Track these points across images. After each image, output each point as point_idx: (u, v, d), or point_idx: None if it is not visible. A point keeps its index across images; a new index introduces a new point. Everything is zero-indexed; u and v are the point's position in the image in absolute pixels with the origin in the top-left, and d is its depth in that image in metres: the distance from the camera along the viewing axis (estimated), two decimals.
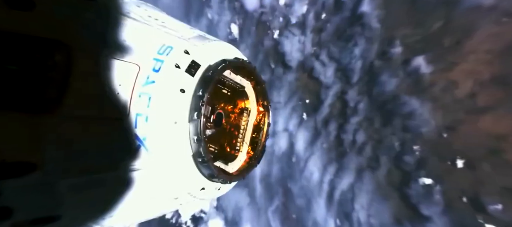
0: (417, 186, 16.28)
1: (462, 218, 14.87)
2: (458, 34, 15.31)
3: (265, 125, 2.96)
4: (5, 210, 1.80)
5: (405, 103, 16.66)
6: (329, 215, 19.11)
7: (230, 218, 21.21)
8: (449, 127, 15.51)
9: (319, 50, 19.21)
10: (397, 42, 17.00)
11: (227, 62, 2.35)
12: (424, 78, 16.22)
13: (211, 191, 2.54)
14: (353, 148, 18.43)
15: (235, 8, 20.47)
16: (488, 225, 14.15)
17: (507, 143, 13.80)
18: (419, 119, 16.22)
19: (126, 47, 2.10)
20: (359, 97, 18.23)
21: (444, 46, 15.74)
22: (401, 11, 17.05)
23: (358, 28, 18.04)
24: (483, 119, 14.56)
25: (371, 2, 17.51)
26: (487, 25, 14.35)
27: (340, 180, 18.89)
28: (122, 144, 2.06)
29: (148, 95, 2.04)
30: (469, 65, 15.01)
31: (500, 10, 13.91)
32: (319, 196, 19.43)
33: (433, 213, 15.67)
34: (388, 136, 17.29)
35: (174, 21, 2.60)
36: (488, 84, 14.52)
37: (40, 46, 1.82)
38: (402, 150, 16.82)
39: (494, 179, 14.16)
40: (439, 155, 15.86)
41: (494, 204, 13.99)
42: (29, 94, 1.78)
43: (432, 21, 15.92)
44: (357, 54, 18.22)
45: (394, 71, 17.03)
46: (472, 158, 14.83)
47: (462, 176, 15.03)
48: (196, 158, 2.19)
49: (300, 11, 19.40)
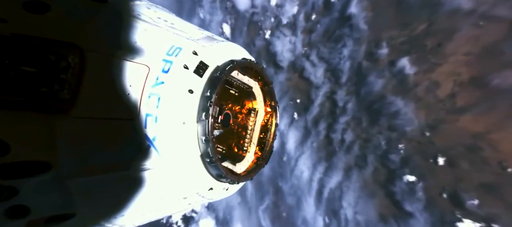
0: (401, 184, 17.17)
1: (442, 214, 15.80)
2: (440, 36, 16.22)
3: (272, 125, 2.96)
4: (22, 208, 1.89)
5: (391, 103, 17.54)
6: (318, 213, 19.74)
7: (221, 218, 21.30)
8: (431, 126, 16.48)
9: (310, 51, 19.78)
10: (383, 44, 17.82)
11: (235, 62, 2.38)
12: (408, 78, 17.13)
13: (219, 191, 2.58)
14: (342, 147, 19.15)
15: (227, 8, 20.57)
16: (466, 220, 15.09)
17: (484, 141, 14.87)
18: (404, 118, 17.14)
19: (137, 49, 2.18)
20: (347, 97, 18.98)
21: (427, 48, 16.65)
22: (387, 13, 17.85)
23: (346, 29, 18.74)
24: (463, 118, 15.59)
25: (359, 4, 18.22)
26: (466, 28, 15.32)
27: (329, 179, 19.55)
28: (133, 144, 2.14)
29: (158, 96, 2.11)
30: (450, 67, 15.97)
31: (478, 14, 14.91)
32: (309, 194, 20.00)
33: (416, 209, 16.58)
34: (375, 135, 18.11)
35: (183, 23, 2.65)
36: (467, 85, 15.54)
37: (54, 48, 1.92)
38: (388, 148, 17.70)
39: (471, 176, 15.18)
40: (422, 153, 16.79)
41: (471, 200, 14.99)
42: (43, 94, 1.87)
43: (416, 23, 16.79)
44: (345, 54, 18.96)
45: (380, 72, 17.86)
46: (452, 156, 15.83)
47: (443, 173, 16.01)
48: (204, 158, 2.23)
49: (291, 12, 19.86)
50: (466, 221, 15.11)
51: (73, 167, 1.99)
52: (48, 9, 1.94)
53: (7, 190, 1.82)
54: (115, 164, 2.13)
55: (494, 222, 14.40)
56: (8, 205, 1.85)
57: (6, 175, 1.79)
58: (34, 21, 1.89)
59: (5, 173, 1.78)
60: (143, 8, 2.44)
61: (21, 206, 1.89)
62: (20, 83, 1.81)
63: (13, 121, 1.81)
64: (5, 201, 1.82)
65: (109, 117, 2.09)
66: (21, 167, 1.83)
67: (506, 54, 14.23)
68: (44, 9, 1.93)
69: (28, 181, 1.87)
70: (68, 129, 1.94)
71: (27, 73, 1.83)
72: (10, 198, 1.83)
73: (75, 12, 2.08)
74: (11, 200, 1.84)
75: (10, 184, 1.82)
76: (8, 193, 1.82)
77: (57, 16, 1.98)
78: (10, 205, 1.86)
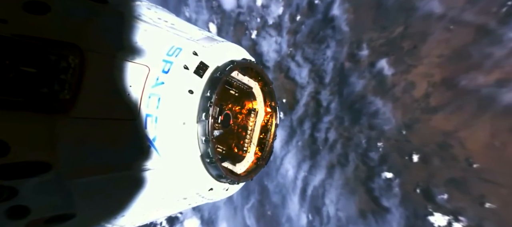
0: (380, 180, 18.24)
1: (415, 208, 16.99)
2: (415, 39, 17.33)
3: (272, 126, 2.97)
4: (22, 209, 1.93)
5: (371, 102, 18.59)
6: (302, 210, 20.41)
7: (206, 218, 21.21)
8: (407, 125, 17.69)
9: (295, 51, 20.34)
10: (364, 45, 18.81)
11: (235, 63, 2.38)
12: (387, 79, 18.25)
13: (219, 192, 2.60)
14: (326, 145, 19.95)
15: (213, 7, 20.49)
16: (436, 213, 16.30)
17: (454, 139, 16.23)
18: (383, 117, 18.24)
19: (137, 49, 2.21)
20: (331, 97, 19.81)
21: (403, 50, 17.80)
22: (367, 15, 18.82)
23: (329, 31, 19.53)
24: (435, 117, 16.85)
25: (341, 6, 19.06)
26: (438, 32, 16.54)
27: (313, 177, 20.28)
28: (133, 145, 2.17)
29: (158, 96, 2.12)
30: (424, 68, 17.14)
31: (448, 18, 16.16)
32: (293, 192, 20.60)
33: (392, 205, 17.68)
34: (356, 134, 19.09)
35: (183, 23, 2.68)
36: (439, 86, 16.77)
37: (54, 48, 1.97)
38: (368, 147, 18.75)
39: (442, 172, 16.45)
40: (399, 151, 17.96)
41: (441, 194, 16.23)
42: (43, 95, 1.92)
43: (393, 26, 17.88)
44: (329, 55, 19.77)
45: (361, 73, 18.85)
46: (425, 153, 17.08)
47: (417, 170, 17.18)
48: (204, 158, 2.24)
49: (276, 13, 20.29)
50: (437, 214, 16.31)
51: (73, 167, 2.02)
52: (48, 9, 1.98)
53: (7, 191, 1.85)
54: (115, 164, 2.16)
55: (460, 215, 15.70)
56: (8, 206, 1.88)
57: (6, 176, 1.82)
58: (34, 22, 1.93)
59: (5, 173, 1.82)
60: (144, 9, 2.46)
61: (21, 207, 1.92)
62: (20, 84, 1.85)
63: (13, 121, 1.85)
64: (5, 201, 1.85)
65: (109, 118, 2.12)
66: (21, 168, 1.86)
67: (473, 57, 15.65)
68: (44, 10, 1.97)
69: (28, 181, 1.90)
70: (68, 130, 1.98)
71: (27, 73, 1.87)
72: (10, 199, 1.86)
73: (75, 12, 2.11)
74: (11, 200, 1.87)
75: (10, 184, 1.85)
76: (8, 194, 1.85)
77: (57, 17, 2.01)
78: (10, 206, 1.88)
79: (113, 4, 2.31)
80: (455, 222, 15.83)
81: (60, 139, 1.95)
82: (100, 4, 2.24)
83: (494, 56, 14.91)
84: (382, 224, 17.90)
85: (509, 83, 14.51)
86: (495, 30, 14.89)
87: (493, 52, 14.91)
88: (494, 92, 14.89)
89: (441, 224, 16.19)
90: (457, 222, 15.79)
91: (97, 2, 2.22)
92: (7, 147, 1.80)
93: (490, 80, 15.00)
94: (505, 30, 14.58)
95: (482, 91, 15.28)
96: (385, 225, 17.75)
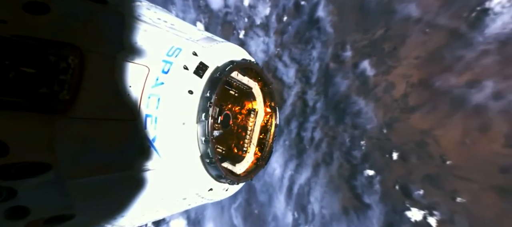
0: (362, 178, 19.07)
1: (394, 204, 17.94)
2: (395, 41, 18.23)
3: (272, 126, 2.99)
4: (22, 209, 1.95)
5: (354, 102, 19.41)
6: (288, 208, 20.86)
7: (193, 218, 20.95)
8: (388, 124, 18.68)
9: (282, 52, 20.72)
10: (348, 47, 19.59)
11: (235, 63, 2.39)
12: (369, 80, 19.14)
13: (218, 192, 2.62)
14: (311, 144, 20.54)
15: (200, 6, 20.26)
16: (413, 208, 17.24)
17: (430, 138, 17.36)
18: (365, 117, 19.12)
19: (137, 49, 2.23)
20: (317, 97, 20.42)
21: (384, 51, 18.73)
22: (350, 17, 19.60)
23: (315, 32, 20.10)
24: (413, 116, 17.90)
25: (325, 8, 19.71)
26: (415, 34, 17.52)
27: (299, 175, 20.80)
28: (133, 145, 2.20)
29: (157, 97, 2.14)
30: (403, 69, 18.08)
31: (424, 22, 17.16)
32: (280, 191, 20.98)
33: (373, 201, 18.51)
34: (340, 133, 19.85)
35: (183, 23, 2.70)
36: (417, 86, 17.80)
37: (54, 49, 1.99)
38: (351, 145, 19.58)
39: (419, 169, 17.47)
40: (380, 149, 18.89)
41: (418, 190, 17.21)
42: (42, 95, 1.95)
43: (375, 28, 18.75)
44: (315, 56, 20.36)
45: (346, 73, 19.62)
46: (404, 151, 18.11)
47: (397, 167, 18.15)
48: (204, 159, 2.25)
49: (263, 13, 20.52)
50: (413, 209, 17.20)
51: (73, 167, 2.04)
52: (48, 10, 2.00)
53: (7, 191, 1.86)
54: (115, 165, 2.17)
55: (434, 209, 16.75)
56: (8, 206, 1.89)
57: (6, 176, 1.85)
58: (34, 22, 1.94)
59: (4, 173, 1.84)
60: (143, 9, 2.48)
61: (20, 207, 1.94)
62: (20, 84, 1.87)
63: (12, 121, 1.86)
64: (4, 202, 1.86)
65: (109, 118, 2.13)
66: (21, 168, 1.89)
67: (446, 59, 16.82)
68: (43, 10, 1.99)
69: (27, 182, 1.92)
70: (68, 130, 2.00)
71: (27, 74, 1.89)
72: (10, 199, 1.88)
73: (75, 13, 2.13)
74: (10, 200, 1.88)
75: (9, 185, 1.87)
76: (7, 194, 1.87)
77: (57, 17, 2.03)
78: (9, 206, 1.90)
79: (113, 4, 2.33)
80: (429, 217, 16.84)
81: (59, 139, 1.97)
82: (100, 5, 2.26)
83: (465, 59, 16.09)
84: (363, 220, 18.71)
85: (478, 84, 15.77)
86: (466, 34, 16.07)
87: (464, 54, 16.09)
88: (465, 92, 16.12)
89: (417, 218, 17.14)
90: (431, 217, 16.81)
91: (96, 3, 2.24)
92: (7, 147, 1.82)
93: (461, 81, 16.19)
94: (474, 34, 15.78)
95: (454, 91, 16.46)
96: (366, 221, 18.56)
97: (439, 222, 16.52)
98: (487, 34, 15.40)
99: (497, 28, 15.10)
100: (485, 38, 15.51)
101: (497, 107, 15.09)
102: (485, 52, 15.54)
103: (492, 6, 15.18)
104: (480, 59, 15.62)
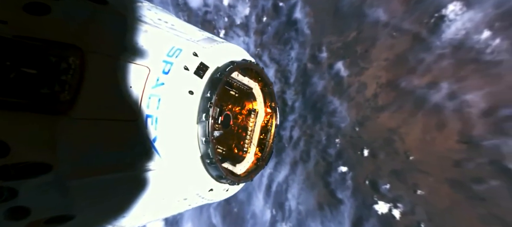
0: (336, 174, 20.09)
1: (364, 198, 19.09)
2: (366, 43, 19.40)
3: (272, 126, 3.02)
4: (22, 209, 1.98)
5: (330, 102, 20.48)
6: (267, 206, 21.38)
7: (170, 218, 20.44)
8: (360, 122, 19.97)
9: (262, 52, 21.10)
10: (323, 48, 20.58)
11: (235, 63, 2.41)
12: (343, 80, 20.31)
13: (219, 192, 2.66)
14: (290, 143, 21.25)
15: (179, 4, 19.72)
16: (380, 202, 18.40)
17: (396, 135, 18.83)
18: (340, 116, 20.26)
19: (137, 50, 2.27)
20: (295, 97, 21.18)
21: (357, 53, 19.92)
22: (326, 19, 20.55)
23: (293, 33, 20.79)
24: (382, 115, 19.23)
25: (302, 9, 20.47)
26: (384, 37, 18.79)
27: (278, 173, 21.42)
28: (133, 145, 2.25)
29: (158, 97, 2.19)
30: (374, 70, 19.30)
31: (391, 26, 18.50)
32: (259, 189, 21.42)
33: (345, 196, 19.59)
34: (317, 132, 20.81)
35: (183, 24, 2.73)
36: (386, 87, 19.10)
37: (55, 49, 2.04)
38: (327, 143, 20.65)
39: (386, 164, 18.80)
40: (352, 147, 20.09)
41: (385, 185, 18.45)
42: (43, 96, 1.99)
43: (348, 30, 19.85)
44: (293, 56, 21.06)
45: (322, 74, 20.61)
46: (374, 148, 19.45)
47: (367, 163, 19.36)
48: (205, 159, 2.27)
49: (243, 13, 20.68)
50: (380, 203, 18.34)
51: (73, 168, 2.07)
52: (49, 10, 2.02)
53: (7, 191, 1.88)
54: (115, 165, 2.20)
55: (398, 202, 18.05)
56: (8, 206, 1.90)
57: (6, 176, 1.86)
58: (35, 23, 1.96)
59: (5, 174, 1.86)
60: (144, 10, 2.51)
61: (21, 207, 1.95)
62: (20, 85, 1.90)
63: (13, 122, 1.88)
64: (5, 202, 1.88)
65: (110, 119, 2.18)
66: (22, 168, 1.91)
67: (410, 62, 18.38)
68: (44, 11, 2.00)
69: (28, 182, 1.94)
70: (69, 130, 2.03)
71: (28, 74, 1.92)
72: (10, 199, 1.89)
73: (76, 13, 2.15)
74: (11, 201, 1.90)
75: (10, 185, 1.89)
76: (8, 194, 1.88)
77: (58, 18, 2.05)
78: (10, 206, 1.91)
79: (113, 5, 2.35)
80: (394, 209, 18.01)
81: (60, 140, 2.01)
82: (100, 5, 2.28)
83: (425, 61, 17.57)
84: (336, 214, 19.70)
85: (436, 85, 17.48)
86: (426, 38, 17.59)
87: (425, 57, 17.55)
88: (425, 93, 17.66)
89: (383, 211, 18.26)
90: (396, 209, 17.97)
91: (97, 3, 2.26)
92: (7, 147, 1.84)
93: (423, 83, 17.69)
94: (433, 38, 17.31)
95: (417, 92, 17.86)
96: (338, 216, 19.55)
97: (402, 213, 17.81)
98: (444, 39, 16.94)
99: (451, 34, 16.63)
100: (442, 43, 17.00)
101: (451, 106, 16.92)
102: (441, 56, 17.11)
103: (447, 13, 16.69)
104: (438, 62, 17.16)
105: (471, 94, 16.14)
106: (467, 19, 16.15)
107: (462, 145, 16.42)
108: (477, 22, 15.81)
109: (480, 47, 15.80)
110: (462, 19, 16.38)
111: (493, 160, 15.15)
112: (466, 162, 16.01)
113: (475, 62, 16.06)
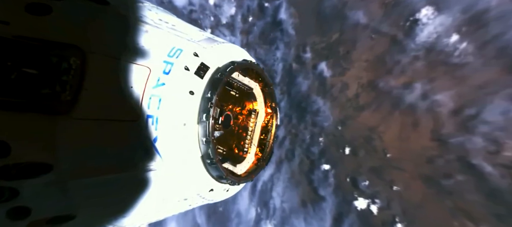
0: (319, 172, 20.70)
1: (344, 195, 19.84)
2: (348, 45, 20.10)
3: (273, 126, 3.05)
4: (23, 209, 1.99)
5: (314, 101, 21.07)
6: (252, 204, 21.59)
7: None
8: (342, 121, 20.74)
9: (248, 51, 21.13)
10: (308, 48, 21.11)
11: (236, 64, 2.43)
12: (326, 80, 20.96)
13: (219, 193, 2.68)
14: (276, 142, 21.53)
15: (164, 2, 19.21)
16: (359, 198, 19.19)
17: (375, 133, 19.74)
18: (323, 115, 20.91)
19: (138, 50, 2.29)
20: (281, 96, 21.53)
21: (340, 54, 20.61)
22: (310, 21, 21.07)
23: (278, 33, 21.13)
24: (363, 114, 20.05)
25: (287, 10, 20.85)
26: (364, 39, 19.59)
27: (263, 172, 21.61)
28: (134, 146, 2.27)
29: (159, 97, 2.22)
30: (355, 71, 20.05)
31: (370, 28, 19.31)
32: (244, 188, 21.52)
33: (327, 193, 20.26)
34: (301, 131, 21.34)
35: (184, 24, 2.74)
36: (366, 87, 19.92)
37: (56, 50, 2.06)
38: (311, 142, 21.24)
39: (366, 162, 19.65)
40: (335, 145, 20.80)
41: (364, 181, 19.28)
42: (44, 96, 2.01)
43: (331, 32, 20.49)
44: (278, 56, 21.41)
45: (306, 74, 21.14)
46: (355, 146, 20.25)
47: (348, 161, 20.13)
48: (205, 159, 2.28)
49: (229, 12, 20.62)
50: (360, 199, 19.14)
51: (74, 168, 2.09)
52: (50, 11, 2.03)
53: (9, 191, 1.88)
54: (116, 165, 2.22)
55: (376, 198, 18.95)
56: (9, 206, 1.90)
57: (8, 176, 1.87)
58: (36, 23, 1.96)
59: (6, 174, 1.86)
60: (145, 10, 2.52)
61: (22, 207, 1.95)
62: (22, 85, 1.91)
63: (14, 122, 1.89)
64: (6, 202, 1.88)
65: (110, 119, 2.20)
66: (23, 168, 1.91)
67: (388, 63, 19.36)
68: (46, 11, 2.01)
69: (29, 182, 1.95)
70: (69, 131, 2.05)
71: (29, 74, 1.93)
72: (11, 199, 1.90)
73: (77, 14, 2.16)
74: (12, 201, 1.90)
75: (11, 185, 1.89)
76: (9, 194, 1.88)
77: (59, 18, 2.06)
78: (11, 206, 1.91)
79: (115, 5, 2.36)
80: (372, 204, 18.82)
81: (61, 140, 2.02)
82: (101, 6, 2.29)
83: (401, 63, 18.53)
84: (318, 211, 20.29)
85: (410, 86, 18.48)
86: (401, 41, 18.56)
87: (400, 59, 18.52)
88: (401, 93, 18.66)
89: (362, 207, 19.04)
90: (373, 204, 18.79)
91: (98, 4, 2.28)
92: (8, 147, 1.84)
93: (399, 83, 18.66)
94: (408, 41, 18.29)
95: (393, 92, 18.85)
96: (320, 212, 20.15)
97: (379, 209, 18.65)
98: (418, 42, 17.92)
99: (424, 37, 17.66)
100: (416, 45, 17.99)
101: (424, 106, 18.07)
102: (415, 58, 18.15)
103: (421, 17, 17.68)
104: (412, 63, 18.16)
105: (441, 95, 17.33)
106: (438, 23, 17.27)
107: (433, 143, 17.58)
108: (448, 26, 16.97)
109: (449, 50, 16.99)
110: (434, 23, 17.44)
111: (460, 156, 16.41)
112: (437, 159, 17.17)
113: (445, 64, 17.26)
